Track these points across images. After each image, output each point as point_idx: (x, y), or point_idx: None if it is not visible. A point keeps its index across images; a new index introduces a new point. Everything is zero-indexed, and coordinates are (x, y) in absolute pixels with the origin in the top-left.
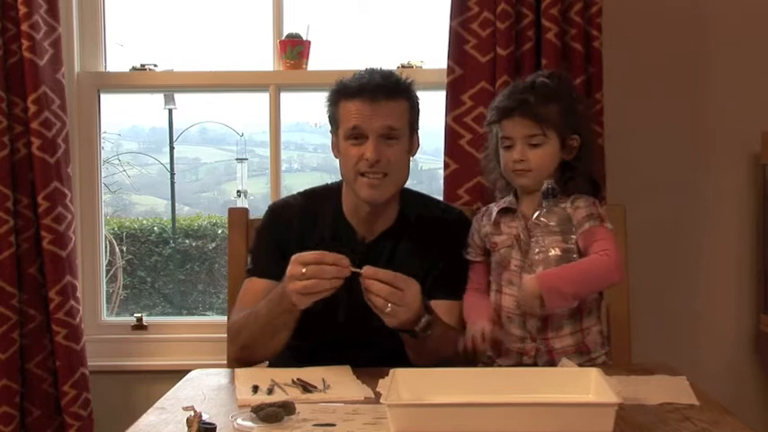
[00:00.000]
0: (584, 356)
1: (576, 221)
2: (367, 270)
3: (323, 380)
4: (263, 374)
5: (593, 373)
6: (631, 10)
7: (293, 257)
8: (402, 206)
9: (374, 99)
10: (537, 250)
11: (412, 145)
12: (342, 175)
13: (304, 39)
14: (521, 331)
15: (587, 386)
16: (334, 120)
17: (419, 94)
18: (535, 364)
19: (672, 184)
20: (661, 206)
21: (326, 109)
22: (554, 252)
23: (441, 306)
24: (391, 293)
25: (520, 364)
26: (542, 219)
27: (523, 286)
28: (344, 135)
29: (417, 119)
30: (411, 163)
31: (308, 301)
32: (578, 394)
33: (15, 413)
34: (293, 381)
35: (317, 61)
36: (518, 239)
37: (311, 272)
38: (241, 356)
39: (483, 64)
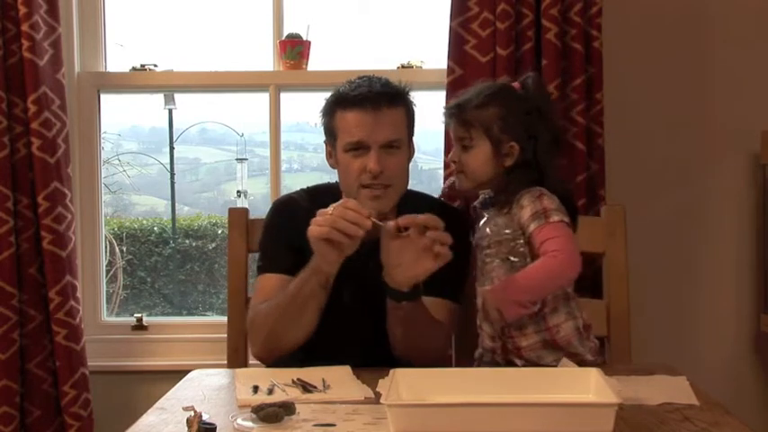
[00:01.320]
0: (557, 353)
1: (523, 223)
2: (401, 220)
3: (323, 380)
4: (262, 374)
5: (593, 374)
6: (631, 10)
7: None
8: (400, 206)
9: (376, 108)
10: (489, 262)
11: (410, 151)
12: (342, 186)
13: (304, 39)
14: (491, 329)
15: (587, 386)
16: (330, 131)
17: (419, 94)
18: (510, 362)
19: (672, 183)
20: (661, 206)
21: (322, 120)
22: (505, 261)
23: (428, 303)
24: (440, 234)
25: (493, 360)
26: (486, 230)
27: (483, 300)
28: (344, 147)
29: (414, 124)
30: (410, 165)
31: (330, 236)
32: (578, 394)
33: (15, 413)
34: (293, 381)
35: (317, 61)
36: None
37: (337, 211)
38: (266, 345)
39: (483, 64)
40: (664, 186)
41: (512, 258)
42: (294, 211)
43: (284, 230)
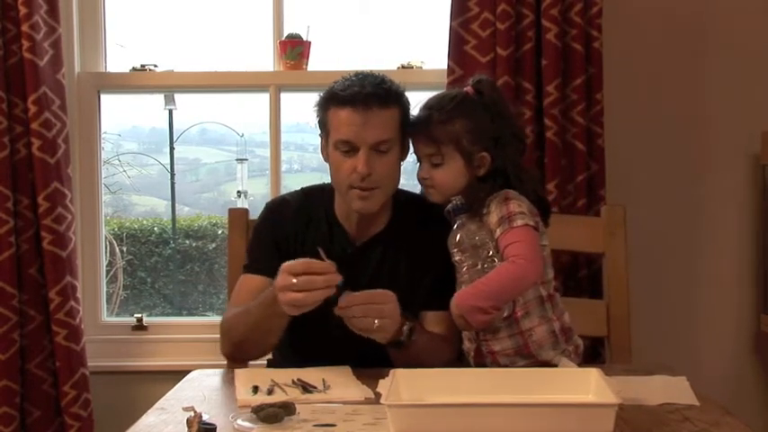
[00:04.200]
0: (529, 359)
1: (492, 229)
2: (341, 303)
3: (323, 380)
4: (263, 375)
5: (594, 374)
6: (631, 11)
7: (282, 266)
8: (395, 209)
9: (366, 108)
10: (462, 269)
11: (403, 151)
12: (333, 183)
13: (304, 39)
14: (468, 332)
15: (587, 386)
16: (323, 125)
17: (419, 94)
18: (482, 365)
19: (672, 184)
20: (661, 206)
21: (316, 113)
22: (475, 268)
23: (431, 317)
24: (369, 309)
25: (468, 363)
26: (455, 238)
27: (450, 307)
28: (335, 145)
29: (408, 124)
30: (411, 164)
31: (299, 311)
32: (578, 394)
33: (15, 414)
34: (293, 381)
35: (318, 62)
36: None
37: (302, 283)
38: (233, 352)
39: (483, 64)
40: (664, 186)
41: (482, 265)
42: (284, 213)
43: (271, 233)
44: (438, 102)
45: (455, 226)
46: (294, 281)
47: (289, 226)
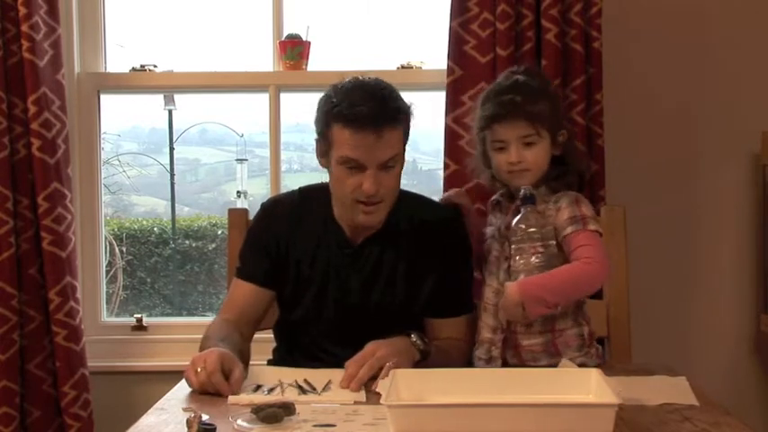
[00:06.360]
0: (554, 358)
1: (559, 224)
2: (343, 384)
3: (329, 381)
4: (273, 373)
5: (594, 374)
6: (631, 10)
7: (210, 351)
8: (392, 209)
9: (377, 131)
10: (518, 257)
11: (404, 159)
12: (332, 192)
13: (304, 39)
14: (493, 322)
15: (588, 387)
16: (324, 136)
17: (418, 94)
18: (504, 359)
19: (672, 184)
20: (661, 206)
21: (316, 122)
22: (535, 259)
23: (448, 324)
24: (372, 364)
25: (489, 356)
26: (521, 225)
27: (506, 294)
28: (339, 161)
29: (409, 133)
30: (410, 164)
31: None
32: (578, 395)
33: (15, 414)
34: (296, 381)
35: (317, 62)
36: (499, 231)
37: (201, 374)
38: None
39: (483, 64)
40: (664, 186)
41: (539, 259)
42: (276, 215)
43: (261, 237)
44: (511, 87)
45: (520, 214)
46: (199, 369)
47: (280, 228)
